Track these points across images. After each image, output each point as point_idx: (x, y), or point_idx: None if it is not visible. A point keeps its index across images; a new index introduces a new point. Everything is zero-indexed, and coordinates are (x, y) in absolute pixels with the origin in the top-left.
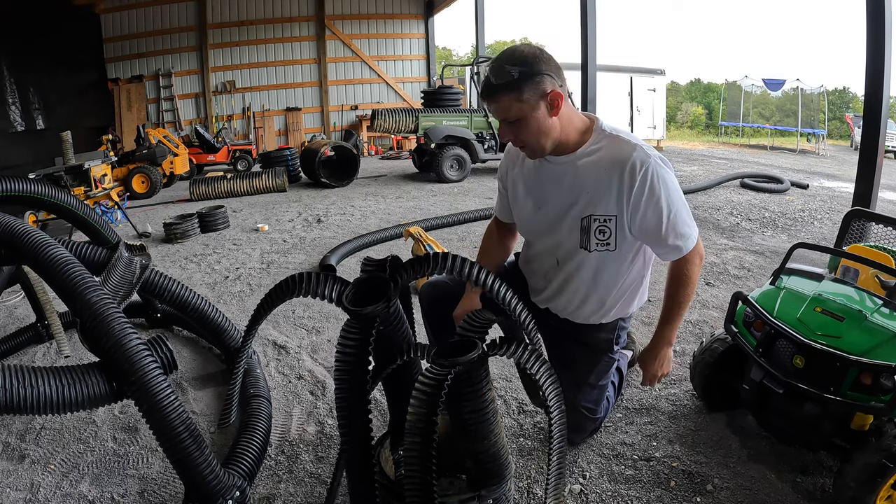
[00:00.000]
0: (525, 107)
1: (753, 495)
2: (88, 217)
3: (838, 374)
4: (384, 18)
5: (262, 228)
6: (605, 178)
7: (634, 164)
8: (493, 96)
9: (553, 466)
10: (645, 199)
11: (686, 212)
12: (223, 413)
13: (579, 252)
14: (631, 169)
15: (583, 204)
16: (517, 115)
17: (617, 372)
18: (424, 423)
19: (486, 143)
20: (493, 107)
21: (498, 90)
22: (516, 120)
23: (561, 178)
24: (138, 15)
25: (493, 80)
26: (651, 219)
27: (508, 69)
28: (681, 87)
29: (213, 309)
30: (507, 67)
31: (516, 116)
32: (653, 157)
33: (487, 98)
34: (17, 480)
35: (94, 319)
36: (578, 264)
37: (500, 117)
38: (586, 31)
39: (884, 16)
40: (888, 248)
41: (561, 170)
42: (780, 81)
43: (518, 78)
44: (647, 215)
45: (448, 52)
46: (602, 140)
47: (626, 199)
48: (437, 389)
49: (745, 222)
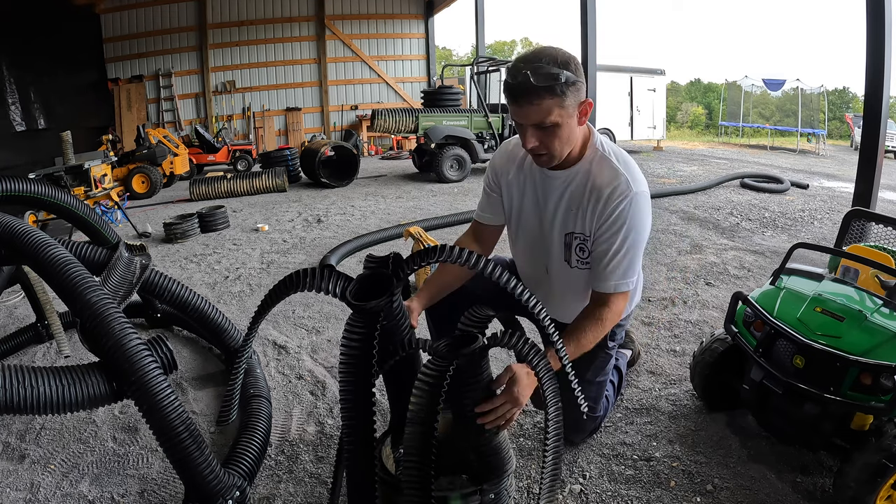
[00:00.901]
0: (564, 113)
1: (753, 495)
2: (88, 217)
3: (838, 374)
4: (384, 18)
5: (262, 228)
6: (587, 199)
7: (613, 193)
8: (530, 98)
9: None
10: (607, 226)
11: (637, 261)
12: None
13: (563, 265)
14: (608, 196)
15: (568, 220)
16: (555, 120)
17: (616, 371)
18: (426, 413)
19: (486, 143)
20: (528, 109)
21: (539, 92)
22: (551, 126)
23: (555, 192)
24: (138, 15)
25: (532, 80)
26: (603, 245)
27: (554, 71)
28: (681, 87)
29: (213, 309)
30: (551, 69)
31: (553, 122)
32: (634, 192)
33: (523, 98)
34: (17, 480)
35: (94, 319)
36: (565, 277)
37: (534, 121)
38: (586, 31)
39: (884, 16)
40: (888, 248)
41: (556, 184)
42: (780, 81)
43: (564, 82)
44: (601, 240)
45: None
46: (593, 160)
47: (597, 223)
48: (440, 380)
49: (745, 222)
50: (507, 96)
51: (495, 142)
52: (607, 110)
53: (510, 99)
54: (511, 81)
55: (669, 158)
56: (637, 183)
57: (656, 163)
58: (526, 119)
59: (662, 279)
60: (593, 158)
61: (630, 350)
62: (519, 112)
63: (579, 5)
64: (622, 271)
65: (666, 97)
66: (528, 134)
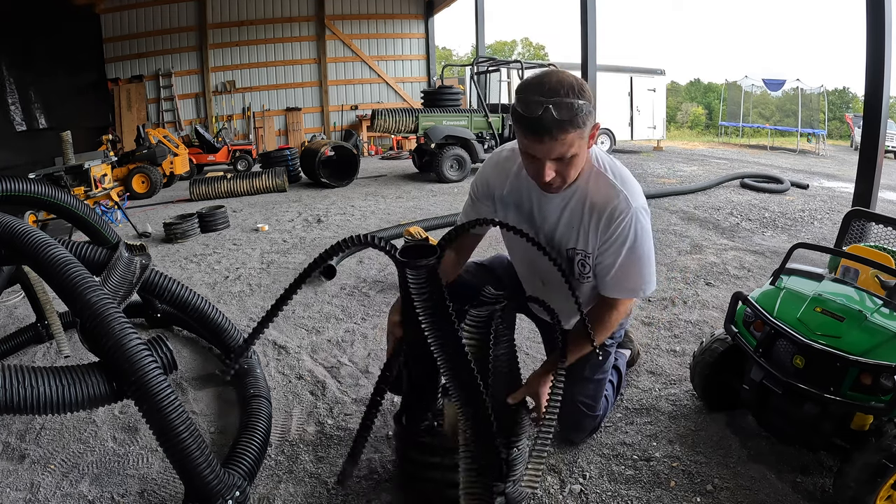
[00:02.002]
0: (582, 143)
1: (753, 495)
2: (88, 217)
3: (838, 374)
4: (384, 18)
5: (262, 228)
6: (587, 218)
7: (613, 212)
8: (553, 134)
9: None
10: (610, 243)
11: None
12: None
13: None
14: (609, 216)
15: (569, 237)
16: (576, 151)
17: (615, 371)
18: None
19: (486, 143)
20: (550, 145)
21: (564, 126)
22: (570, 157)
23: (553, 210)
24: (138, 15)
25: (555, 114)
26: (608, 259)
27: (574, 102)
28: (681, 87)
29: (213, 309)
30: (572, 101)
31: (574, 153)
32: (634, 207)
33: (546, 135)
34: (17, 480)
35: (94, 319)
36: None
37: (556, 155)
38: (586, 31)
39: (884, 16)
40: (888, 248)
41: (554, 202)
42: (780, 81)
43: (584, 112)
44: (605, 255)
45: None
46: (590, 177)
47: (599, 241)
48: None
49: (745, 222)
50: (525, 131)
51: (495, 142)
52: (607, 110)
53: (529, 133)
54: (531, 116)
55: (669, 158)
56: (635, 197)
57: (656, 163)
58: (547, 154)
59: (662, 279)
60: (590, 175)
61: (630, 350)
62: (539, 148)
63: (579, 5)
64: (629, 282)
65: (666, 97)
66: (547, 168)
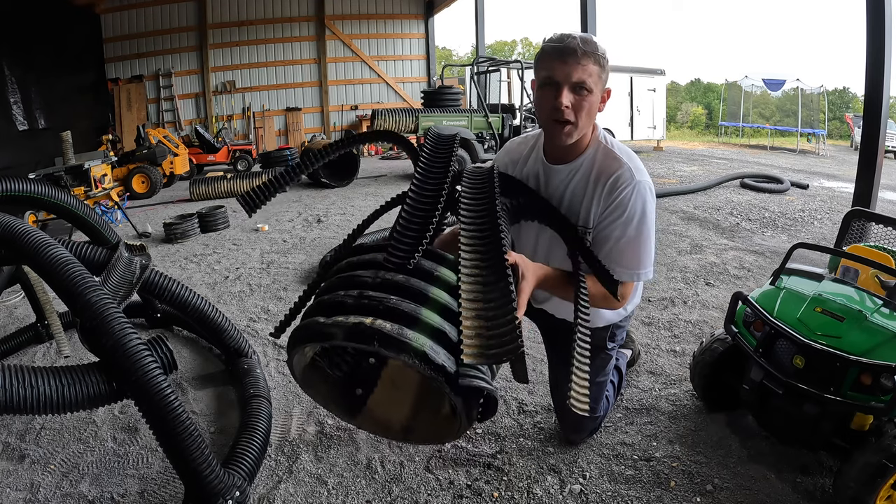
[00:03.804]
0: (599, 84)
1: (753, 495)
2: (88, 217)
3: (838, 375)
4: (384, 18)
5: (262, 228)
6: (591, 188)
7: (616, 180)
8: (578, 58)
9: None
10: (609, 211)
11: (643, 247)
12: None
13: (567, 260)
14: (612, 184)
15: (573, 213)
16: (591, 86)
17: (616, 371)
18: None
19: (486, 143)
20: (574, 67)
21: (588, 55)
22: (585, 90)
23: (559, 185)
24: (138, 15)
25: (580, 45)
26: (605, 230)
27: (600, 46)
28: (681, 87)
29: (213, 309)
30: (597, 44)
31: (590, 87)
32: (638, 180)
33: (571, 57)
34: (17, 480)
35: (94, 319)
36: None
37: (575, 79)
38: (586, 31)
39: (884, 16)
40: (888, 248)
41: (560, 177)
42: (780, 81)
43: (605, 58)
44: (603, 225)
45: (448, 52)
46: (597, 152)
47: (600, 211)
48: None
49: (745, 222)
50: (551, 54)
51: (495, 142)
52: (607, 110)
53: (555, 56)
54: (559, 44)
55: (669, 158)
56: (640, 172)
57: (656, 163)
58: (568, 77)
59: (662, 279)
60: (597, 150)
61: (630, 350)
62: (562, 69)
63: (579, 5)
64: (626, 261)
65: (666, 97)
66: (565, 92)
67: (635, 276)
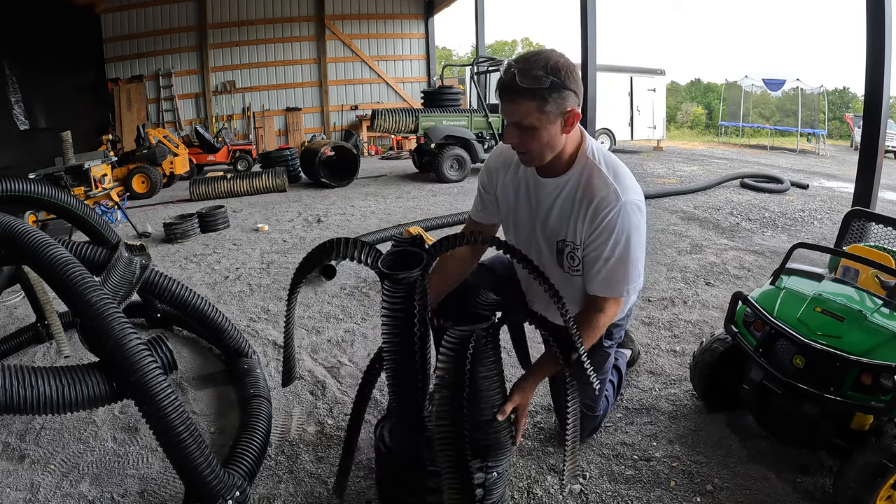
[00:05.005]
0: (543, 118)
1: (753, 495)
2: (88, 217)
3: (838, 374)
4: (384, 18)
5: (262, 228)
6: (577, 209)
7: (600, 204)
8: (513, 97)
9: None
10: (596, 235)
11: (631, 265)
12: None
13: (557, 269)
14: (596, 207)
15: (560, 227)
16: (533, 123)
17: (616, 371)
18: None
19: (486, 143)
20: (509, 107)
21: (521, 93)
22: (529, 127)
23: (547, 198)
24: (138, 15)
25: (518, 80)
26: (593, 252)
27: (540, 75)
28: (681, 87)
29: (213, 309)
30: (538, 73)
31: (531, 125)
32: (623, 201)
33: (507, 97)
34: (17, 480)
35: (94, 319)
36: (559, 280)
37: (513, 120)
38: (586, 31)
39: (884, 16)
40: (888, 248)
41: (548, 190)
42: (780, 81)
43: (548, 87)
44: (591, 248)
45: (448, 52)
46: (583, 169)
47: (586, 233)
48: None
49: (745, 222)
50: (497, 91)
51: (495, 142)
52: (607, 110)
53: (498, 93)
54: (502, 77)
55: (669, 158)
56: (626, 192)
57: (656, 163)
58: (509, 115)
59: (662, 279)
60: (583, 167)
61: (630, 350)
62: (504, 108)
63: (579, 5)
64: (615, 280)
65: (666, 97)
66: (508, 130)
67: (624, 291)
